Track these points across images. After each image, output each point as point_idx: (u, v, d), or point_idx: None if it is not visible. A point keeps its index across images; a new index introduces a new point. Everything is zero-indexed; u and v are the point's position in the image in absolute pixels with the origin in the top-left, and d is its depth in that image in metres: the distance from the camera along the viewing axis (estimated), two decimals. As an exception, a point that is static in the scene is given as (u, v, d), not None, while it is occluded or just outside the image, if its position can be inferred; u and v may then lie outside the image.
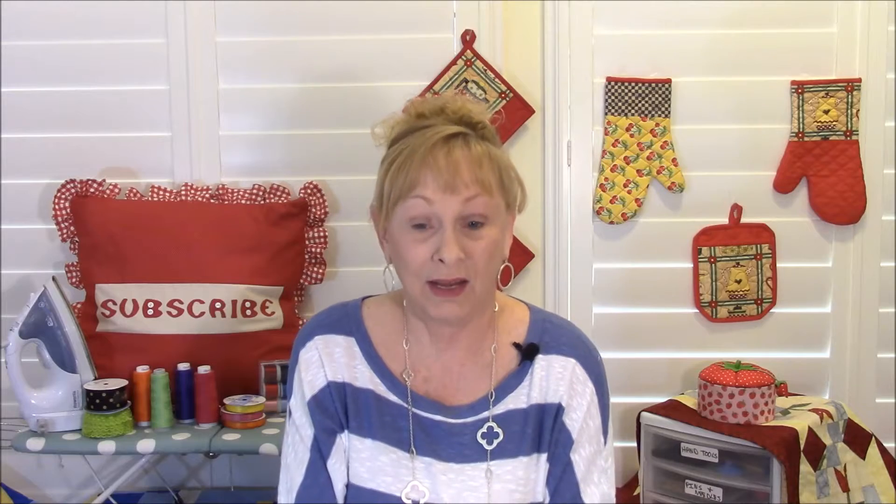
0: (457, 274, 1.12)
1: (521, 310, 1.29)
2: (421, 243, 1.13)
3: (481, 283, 1.15)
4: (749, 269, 2.28)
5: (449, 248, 1.10)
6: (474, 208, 1.12)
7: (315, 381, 1.22)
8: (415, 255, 1.13)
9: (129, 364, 1.98)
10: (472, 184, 1.11)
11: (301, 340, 1.25)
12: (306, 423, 1.22)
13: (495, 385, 1.23)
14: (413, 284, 1.15)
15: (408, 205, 1.12)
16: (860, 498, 2.00)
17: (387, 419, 1.21)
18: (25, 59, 2.23)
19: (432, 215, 1.12)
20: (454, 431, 1.21)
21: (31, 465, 2.31)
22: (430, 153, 1.12)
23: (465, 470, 1.20)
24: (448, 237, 1.11)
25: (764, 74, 2.24)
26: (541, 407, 1.22)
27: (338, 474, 1.21)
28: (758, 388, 1.95)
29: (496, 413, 1.22)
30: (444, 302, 1.14)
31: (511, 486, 1.20)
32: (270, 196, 2.20)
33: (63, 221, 2.15)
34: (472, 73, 2.22)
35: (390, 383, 1.22)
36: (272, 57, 2.25)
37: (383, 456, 1.20)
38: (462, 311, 1.15)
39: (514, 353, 1.24)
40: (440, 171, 1.11)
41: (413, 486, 1.19)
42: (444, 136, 1.13)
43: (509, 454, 1.21)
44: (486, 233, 1.14)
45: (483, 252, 1.13)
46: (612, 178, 2.27)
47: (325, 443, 1.21)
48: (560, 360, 1.23)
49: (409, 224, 1.13)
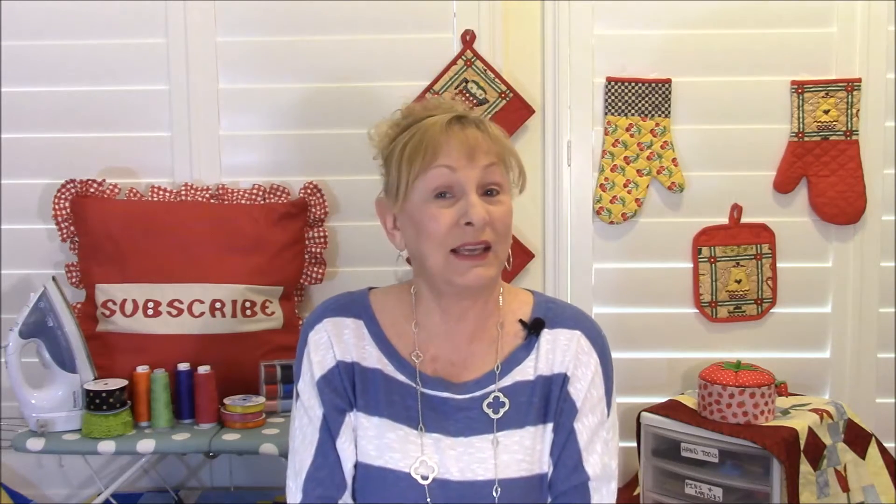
0: (483, 237, 1.18)
1: (525, 294, 1.34)
2: (446, 209, 1.18)
3: (503, 248, 1.22)
4: (749, 269, 2.28)
5: (476, 210, 1.16)
6: (492, 176, 1.20)
7: (324, 362, 1.25)
8: (440, 223, 1.18)
9: (129, 364, 1.98)
10: (490, 153, 1.20)
11: (310, 324, 1.29)
12: (315, 403, 1.24)
13: (502, 359, 1.26)
14: (436, 256, 1.19)
15: (430, 175, 1.19)
16: (860, 498, 2.00)
17: (395, 398, 1.24)
18: (25, 59, 2.23)
19: (455, 183, 1.18)
20: (462, 406, 1.24)
21: (31, 465, 2.31)
22: (448, 128, 1.20)
23: (474, 442, 1.23)
24: (474, 200, 1.17)
25: (764, 74, 2.24)
26: (547, 378, 1.25)
27: (346, 454, 1.23)
28: (758, 388, 1.95)
29: (503, 385, 1.25)
30: (471, 267, 1.18)
31: (519, 457, 1.22)
32: (270, 196, 2.20)
33: (63, 221, 2.15)
34: (472, 73, 2.22)
35: (398, 364, 1.26)
36: (272, 57, 2.25)
37: (390, 432, 1.23)
38: (488, 274, 1.20)
39: (519, 330, 1.28)
40: (461, 142, 1.19)
41: (422, 462, 1.22)
42: (455, 116, 1.21)
43: (516, 424, 1.24)
44: (504, 199, 1.21)
45: (503, 216, 1.20)
46: (612, 178, 2.27)
47: (335, 421, 1.24)
48: (565, 332, 1.28)
49: (431, 195, 1.19)
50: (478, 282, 1.19)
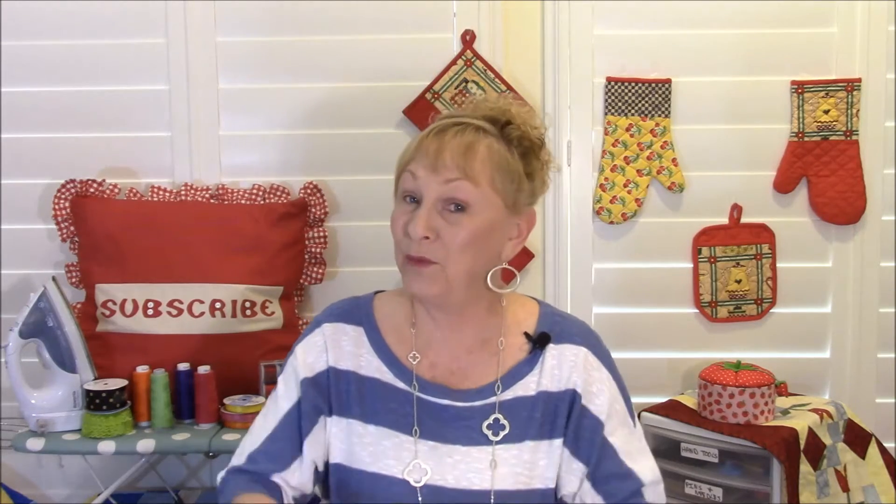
0: (421, 252, 1.16)
1: (530, 304, 1.32)
2: (403, 215, 1.19)
3: (455, 268, 1.16)
4: (749, 269, 2.28)
5: (414, 224, 1.15)
6: (454, 192, 1.15)
7: (315, 365, 1.25)
8: (396, 226, 1.20)
9: (129, 364, 1.98)
10: (455, 168, 1.15)
11: (311, 327, 1.29)
12: (285, 395, 1.25)
13: (503, 373, 1.24)
14: (397, 257, 1.21)
15: (402, 178, 1.20)
16: (860, 498, 2.00)
17: (392, 405, 1.23)
18: (25, 59, 2.23)
19: (417, 191, 1.17)
20: (461, 415, 1.23)
21: (31, 465, 2.31)
22: (428, 136, 1.19)
23: (472, 452, 1.22)
24: (419, 214, 1.16)
25: (764, 74, 2.24)
26: (551, 394, 1.24)
27: (312, 452, 1.23)
28: (758, 388, 1.95)
29: (504, 399, 1.23)
30: (414, 275, 1.17)
31: (517, 470, 1.22)
32: (270, 196, 2.20)
33: (63, 221, 2.15)
34: (472, 73, 2.22)
35: (397, 370, 1.25)
36: (272, 57, 2.25)
37: (386, 440, 1.22)
38: (430, 290, 1.17)
39: (523, 342, 1.26)
40: (433, 151, 1.16)
41: (415, 465, 1.21)
42: (450, 123, 1.19)
43: (515, 439, 1.22)
44: (466, 220, 1.16)
45: (457, 238, 1.15)
46: (612, 178, 2.27)
47: (309, 419, 1.23)
48: (571, 348, 1.25)
49: (401, 196, 1.20)
50: (420, 292, 1.18)
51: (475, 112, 1.21)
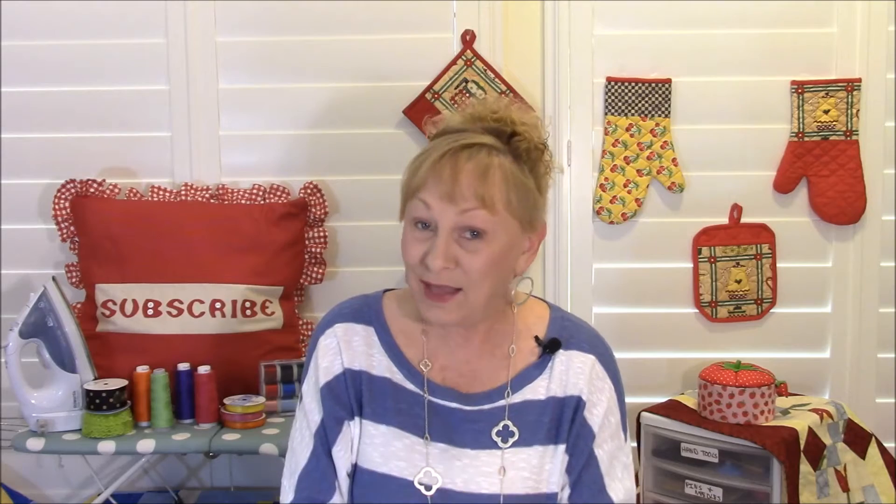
0: (443, 281, 1.14)
1: (540, 307, 1.32)
2: (419, 242, 1.16)
3: (476, 293, 1.16)
4: (749, 269, 2.28)
5: (433, 256, 1.13)
6: (471, 221, 1.13)
7: (331, 368, 1.25)
8: (411, 254, 1.17)
9: (129, 364, 1.98)
10: (472, 197, 1.12)
11: (321, 328, 1.28)
12: (315, 408, 1.25)
13: (513, 376, 1.25)
14: (412, 281, 1.19)
15: (412, 205, 1.17)
16: (860, 498, 2.00)
17: (402, 406, 1.24)
18: (25, 59, 2.23)
19: (431, 220, 1.15)
20: (470, 418, 1.23)
21: (31, 465, 2.31)
22: (440, 160, 1.14)
23: (481, 456, 1.22)
24: (437, 244, 1.14)
25: (764, 74, 2.24)
26: (560, 400, 1.24)
27: (342, 461, 1.23)
28: (758, 388, 1.95)
29: (513, 402, 1.24)
30: (432, 306, 1.17)
31: (525, 474, 1.22)
32: (270, 196, 2.20)
33: (63, 221, 2.15)
34: (472, 73, 2.22)
35: (407, 372, 1.25)
36: (272, 57, 2.25)
37: (397, 441, 1.22)
38: (451, 318, 1.17)
39: (534, 347, 1.27)
40: (441, 181, 1.13)
41: (426, 472, 1.21)
42: (460, 146, 1.14)
43: (524, 443, 1.23)
44: (484, 247, 1.14)
45: (476, 264, 1.14)
46: (612, 178, 2.27)
47: (333, 430, 1.23)
48: (580, 356, 1.26)
49: (413, 222, 1.17)
50: (439, 321, 1.18)
51: (477, 124, 1.18)
